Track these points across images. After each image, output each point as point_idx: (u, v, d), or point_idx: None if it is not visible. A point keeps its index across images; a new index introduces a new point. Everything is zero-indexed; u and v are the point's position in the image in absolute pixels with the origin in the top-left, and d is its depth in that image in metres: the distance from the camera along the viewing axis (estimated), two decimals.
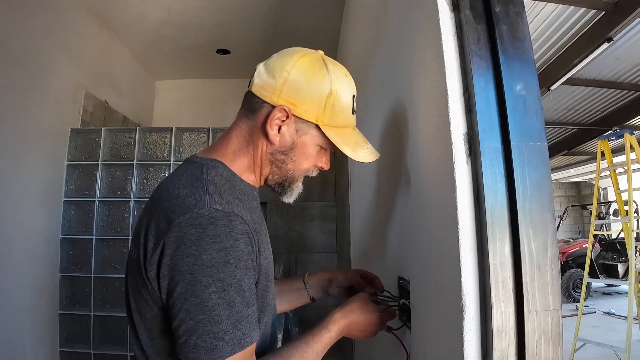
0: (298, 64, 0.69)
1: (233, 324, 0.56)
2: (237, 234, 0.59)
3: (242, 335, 0.57)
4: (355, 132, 0.76)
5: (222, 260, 0.56)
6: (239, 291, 0.58)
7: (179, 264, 0.56)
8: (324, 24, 2.90)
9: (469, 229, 0.60)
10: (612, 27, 2.50)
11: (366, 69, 1.56)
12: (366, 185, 1.56)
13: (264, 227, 0.73)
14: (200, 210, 0.58)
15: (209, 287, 0.55)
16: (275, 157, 0.72)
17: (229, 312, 0.56)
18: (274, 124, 0.68)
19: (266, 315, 0.70)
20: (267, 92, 0.69)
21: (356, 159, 0.73)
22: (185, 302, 0.56)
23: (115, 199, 2.55)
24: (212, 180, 0.64)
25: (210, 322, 0.55)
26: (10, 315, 2.04)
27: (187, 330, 0.56)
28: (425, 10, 0.73)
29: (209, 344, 0.55)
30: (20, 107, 2.12)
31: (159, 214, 0.61)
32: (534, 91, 0.62)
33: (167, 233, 0.57)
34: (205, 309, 0.55)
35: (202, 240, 0.56)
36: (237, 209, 0.61)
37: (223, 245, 0.57)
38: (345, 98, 0.71)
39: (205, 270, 0.56)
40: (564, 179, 10.32)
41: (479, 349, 0.58)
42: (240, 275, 0.58)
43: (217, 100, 3.86)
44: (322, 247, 3.17)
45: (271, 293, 0.72)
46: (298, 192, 0.77)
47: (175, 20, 2.88)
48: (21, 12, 2.12)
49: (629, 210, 3.72)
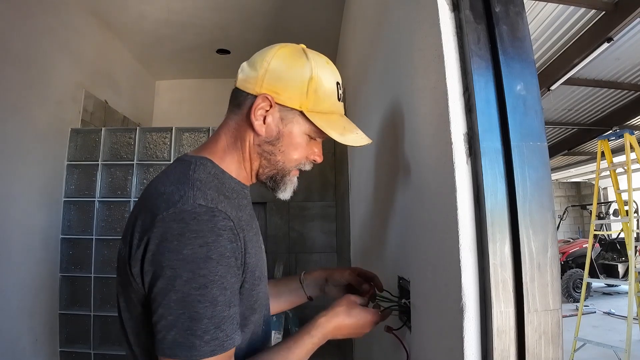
0: (278, 53, 0.70)
1: (216, 324, 0.55)
2: (219, 229, 0.58)
3: (225, 337, 0.56)
4: (344, 119, 0.75)
5: (204, 256, 0.56)
6: (222, 289, 0.57)
7: (160, 259, 0.56)
8: (324, 24, 2.90)
9: (469, 229, 0.60)
10: (612, 27, 2.50)
11: (366, 69, 1.56)
12: (366, 185, 1.56)
13: (254, 225, 0.72)
14: (184, 205, 0.57)
15: (190, 283, 0.55)
16: (263, 149, 0.71)
17: (211, 310, 0.55)
18: (258, 113, 0.69)
19: (256, 314, 0.69)
20: (250, 84, 0.70)
21: (345, 143, 0.72)
22: (166, 297, 0.55)
23: (115, 199, 2.55)
24: (198, 177, 0.64)
25: (190, 319, 0.54)
26: (10, 315, 2.04)
27: (165, 326, 0.55)
28: (425, 10, 0.73)
29: (187, 340, 0.54)
30: (20, 107, 2.12)
31: (145, 210, 0.61)
32: (534, 91, 0.62)
33: (150, 228, 0.57)
34: (186, 305, 0.54)
35: (184, 235, 0.56)
36: (221, 205, 0.60)
37: (205, 241, 0.56)
38: (327, 83, 0.70)
39: (186, 266, 0.55)
40: (564, 179, 10.31)
41: (479, 349, 0.58)
42: (222, 272, 0.57)
43: (217, 100, 3.81)
44: (322, 247, 3.17)
45: (262, 292, 0.71)
46: (292, 186, 0.76)
47: (175, 20, 2.88)
48: (21, 12, 2.12)
49: (629, 210, 3.72)
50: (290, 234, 3.20)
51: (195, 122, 2.93)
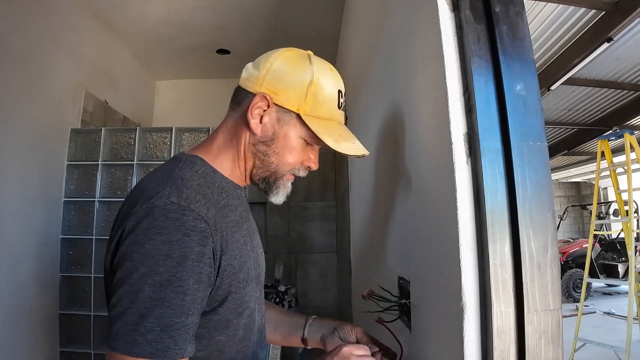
0: (282, 55, 0.70)
1: (162, 327, 0.53)
2: (187, 229, 0.57)
3: (173, 344, 0.53)
4: (342, 127, 0.74)
5: (164, 253, 0.54)
6: (178, 292, 0.54)
7: (125, 251, 0.56)
8: (324, 24, 2.90)
9: (469, 229, 0.60)
10: (612, 27, 2.50)
11: (366, 69, 1.56)
12: (366, 185, 1.56)
13: (244, 227, 0.71)
14: (157, 201, 0.57)
15: (145, 278, 0.54)
16: (257, 149, 0.71)
17: (160, 311, 0.53)
18: (255, 112, 0.69)
19: (243, 318, 0.67)
20: (251, 82, 0.70)
21: (338, 150, 0.70)
22: (119, 288, 0.55)
23: (116, 199, 2.55)
24: (182, 175, 0.64)
25: (136, 313, 0.53)
26: (10, 315, 2.04)
27: (113, 316, 0.54)
28: (425, 10, 0.73)
29: (128, 335, 0.52)
30: (20, 107, 2.12)
31: (127, 205, 0.62)
32: (534, 91, 0.62)
33: (125, 221, 0.58)
34: (135, 299, 0.53)
35: (150, 229, 0.55)
36: (195, 205, 0.59)
37: (168, 238, 0.55)
38: (328, 89, 0.70)
39: (144, 260, 0.54)
40: (564, 179, 10.32)
41: (479, 349, 0.58)
42: (182, 275, 0.55)
43: (217, 100, 3.81)
44: (322, 247, 3.17)
45: (249, 295, 0.68)
46: (286, 191, 0.75)
47: (175, 20, 2.88)
48: (21, 12, 2.12)
49: (629, 210, 3.73)
50: (290, 234, 3.20)
51: (195, 122, 2.93)
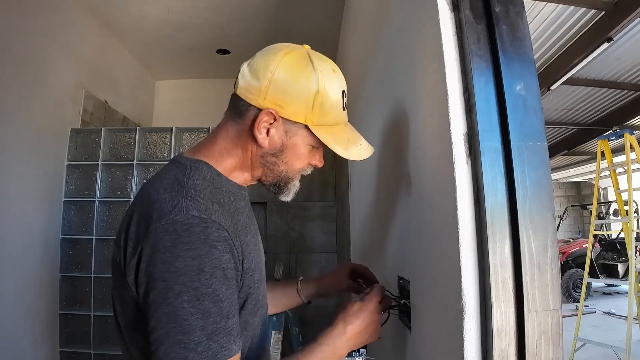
0: (282, 62, 0.66)
1: (208, 335, 0.54)
2: (212, 241, 0.57)
3: (219, 347, 0.55)
4: (348, 129, 0.74)
5: (196, 268, 0.55)
6: (216, 301, 0.56)
7: (153, 271, 0.55)
8: (324, 24, 2.90)
9: (469, 229, 0.60)
10: (612, 27, 2.51)
11: (366, 69, 1.56)
12: (366, 185, 1.56)
13: (252, 227, 0.72)
14: (176, 216, 0.57)
15: (182, 296, 0.54)
16: (266, 160, 0.70)
17: (203, 322, 0.54)
18: (262, 127, 0.67)
19: (257, 317, 0.69)
20: (252, 94, 0.67)
21: (348, 158, 0.71)
22: (157, 310, 0.54)
23: (115, 199, 2.55)
24: (193, 184, 0.62)
25: (182, 332, 0.53)
26: (10, 315, 2.04)
27: (157, 339, 0.54)
28: (425, 10, 0.73)
29: (178, 354, 0.53)
30: (20, 107, 2.12)
31: (139, 218, 0.60)
32: (534, 91, 0.62)
33: (144, 238, 0.57)
34: (177, 318, 0.54)
35: (177, 247, 0.55)
36: (215, 215, 0.60)
37: (198, 253, 0.55)
38: (334, 95, 0.69)
39: (178, 278, 0.54)
40: (564, 179, 10.32)
41: (479, 349, 0.58)
42: (216, 285, 0.56)
43: (217, 100, 3.81)
44: (322, 247, 3.17)
45: (262, 294, 0.71)
46: (295, 189, 0.76)
47: (175, 20, 2.88)
48: (21, 12, 2.12)
49: (629, 210, 3.73)
50: (290, 234, 3.20)
51: (195, 122, 2.93)
